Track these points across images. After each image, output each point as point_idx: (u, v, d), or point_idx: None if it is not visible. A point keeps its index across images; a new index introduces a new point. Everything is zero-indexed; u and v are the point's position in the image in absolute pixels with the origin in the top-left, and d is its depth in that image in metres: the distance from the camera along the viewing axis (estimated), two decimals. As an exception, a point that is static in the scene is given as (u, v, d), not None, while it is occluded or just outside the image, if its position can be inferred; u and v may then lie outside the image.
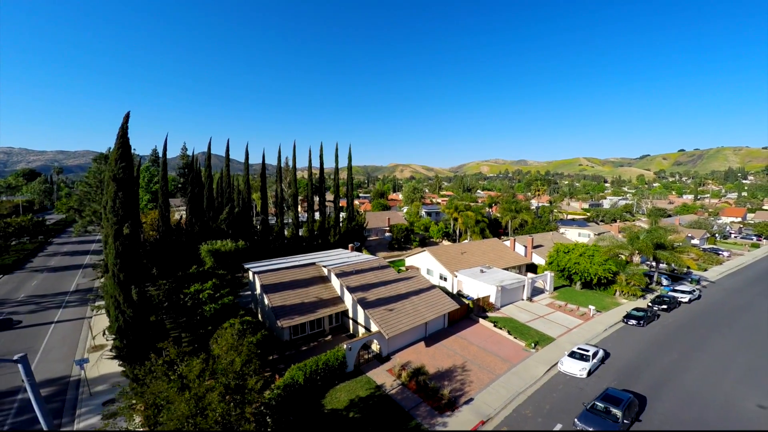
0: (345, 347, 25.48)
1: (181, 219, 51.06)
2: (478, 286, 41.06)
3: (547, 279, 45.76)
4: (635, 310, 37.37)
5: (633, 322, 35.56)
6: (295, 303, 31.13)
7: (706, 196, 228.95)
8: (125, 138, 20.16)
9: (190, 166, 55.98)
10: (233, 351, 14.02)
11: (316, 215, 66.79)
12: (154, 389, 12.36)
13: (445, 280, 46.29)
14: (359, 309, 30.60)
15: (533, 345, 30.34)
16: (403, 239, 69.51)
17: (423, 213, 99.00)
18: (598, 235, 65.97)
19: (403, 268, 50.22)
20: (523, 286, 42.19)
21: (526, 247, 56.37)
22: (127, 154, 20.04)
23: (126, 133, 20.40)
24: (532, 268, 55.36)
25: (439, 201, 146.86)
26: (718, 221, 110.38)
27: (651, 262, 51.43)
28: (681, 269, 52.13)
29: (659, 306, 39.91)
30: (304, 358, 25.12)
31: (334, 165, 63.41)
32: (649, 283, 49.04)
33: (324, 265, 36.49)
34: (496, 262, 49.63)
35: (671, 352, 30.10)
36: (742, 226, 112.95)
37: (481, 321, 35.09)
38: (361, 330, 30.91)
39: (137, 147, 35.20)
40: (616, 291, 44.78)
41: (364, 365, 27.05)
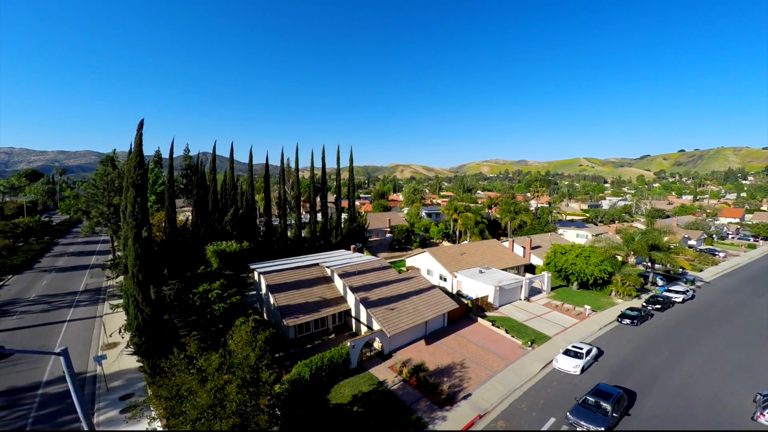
0: (349, 345, 26.60)
1: (187, 221, 52.18)
2: (477, 286, 42.16)
3: (544, 279, 46.85)
4: (629, 309, 38.50)
5: (627, 322, 36.67)
6: (300, 302, 32.25)
7: (705, 196, 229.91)
8: (141, 146, 21.30)
9: (195, 168, 57.18)
10: (248, 346, 15.13)
11: (318, 216, 67.85)
12: (178, 380, 13.49)
13: (444, 280, 47.40)
14: (362, 308, 31.73)
15: (530, 343, 31.44)
16: (404, 240, 70.60)
17: (423, 214, 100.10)
18: (596, 236, 67.09)
19: (404, 269, 51.30)
20: (521, 286, 43.29)
21: (524, 248, 57.46)
22: (143, 161, 21.17)
23: (141, 142, 21.53)
24: (530, 268, 56.44)
25: (439, 202, 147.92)
26: (715, 222, 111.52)
27: (647, 263, 52.51)
28: (675, 270, 53.25)
29: (653, 306, 41.02)
30: (309, 355, 26.26)
31: (336, 167, 64.53)
32: (645, 284, 50.12)
33: (327, 266, 37.62)
34: (495, 262, 50.72)
35: (662, 350, 31.22)
36: (739, 227, 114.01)
37: (479, 320, 36.19)
38: (363, 329, 32.03)
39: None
40: (611, 291, 45.87)
41: (367, 362, 28.17)
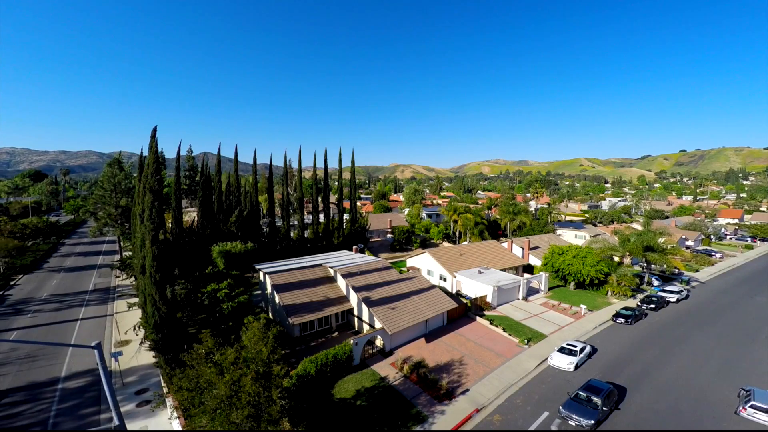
0: (352, 342, 27.79)
1: (193, 222, 53.37)
2: (476, 286, 43.31)
3: (542, 279, 47.96)
4: (624, 309, 39.61)
5: (621, 321, 37.79)
6: (305, 302, 33.45)
7: (705, 197, 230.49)
8: (157, 153, 22.49)
9: (202, 171, 58.37)
10: (260, 342, 16.30)
11: (321, 217, 69.09)
12: (199, 372, 14.67)
13: (444, 280, 48.55)
14: (364, 307, 32.92)
15: (526, 341, 32.59)
16: (405, 241, 71.75)
17: (424, 215, 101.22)
18: (593, 237, 68.15)
19: (405, 269, 52.46)
20: (519, 286, 44.43)
21: (523, 248, 58.59)
22: (159, 167, 22.34)
23: (157, 149, 22.72)
24: (529, 269, 57.57)
25: (439, 202, 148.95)
26: (713, 223, 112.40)
27: (643, 264, 53.59)
28: (669, 270, 54.31)
29: (647, 305, 42.12)
30: (314, 353, 27.48)
31: (338, 168, 65.68)
32: (640, 284, 51.22)
33: (330, 266, 38.81)
34: (494, 263, 51.85)
35: (654, 348, 32.35)
36: (737, 227, 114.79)
37: (478, 319, 37.34)
38: (365, 327, 33.23)
39: (139, 147, 37.79)
40: (607, 291, 46.96)
41: (369, 359, 29.36)
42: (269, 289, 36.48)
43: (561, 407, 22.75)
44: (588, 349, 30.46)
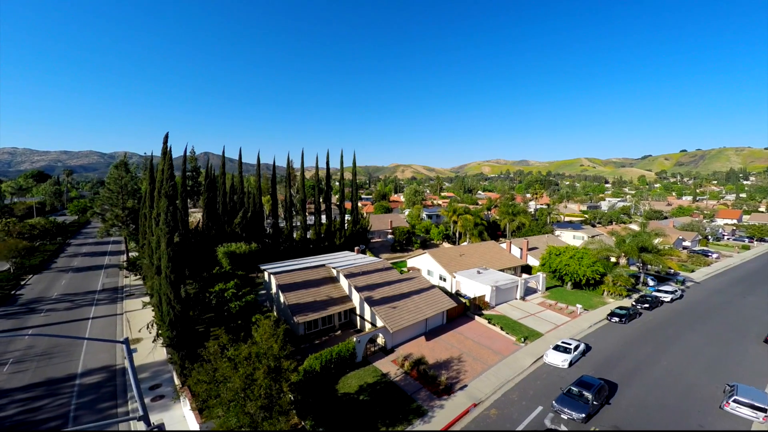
0: (354, 340, 28.97)
1: (199, 223, 54.57)
2: (474, 286, 44.46)
3: (539, 279, 49.10)
4: (619, 308, 40.73)
5: (616, 320, 38.92)
6: (309, 301, 34.65)
7: (704, 197, 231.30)
8: (170, 159, 23.66)
9: (207, 172, 59.57)
10: (271, 338, 17.46)
11: (323, 218, 70.23)
12: (216, 366, 15.87)
13: (444, 280, 49.72)
14: (366, 306, 34.11)
15: (523, 340, 33.75)
16: (405, 241, 72.91)
17: (424, 216, 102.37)
18: (591, 238, 69.24)
19: (405, 269, 53.62)
20: (517, 286, 45.57)
21: (521, 249, 59.73)
22: (173, 173, 23.53)
23: (170, 155, 23.88)
24: (527, 269, 58.71)
25: (439, 202, 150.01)
26: (711, 224, 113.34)
27: (640, 264, 54.69)
28: (664, 270, 55.37)
29: (642, 305, 43.25)
30: (318, 350, 28.63)
31: (340, 170, 66.90)
32: (636, 284, 52.32)
33: (333, 267, 40.00)
34: (493, 263, 53.00)
35: (646, 346, 33.49)
36: (735, 228, 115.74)
37: (476, 318, 38.50)
38: (367, 325, 34.41)
39: (140, 147, 39.17)
40: (603, 291, 48.08)
41: (371, 356, 30.54)
42: (274, 289, 37.67)
43: (554, 401, 23.88)
44: (582, 347, 31.61)
